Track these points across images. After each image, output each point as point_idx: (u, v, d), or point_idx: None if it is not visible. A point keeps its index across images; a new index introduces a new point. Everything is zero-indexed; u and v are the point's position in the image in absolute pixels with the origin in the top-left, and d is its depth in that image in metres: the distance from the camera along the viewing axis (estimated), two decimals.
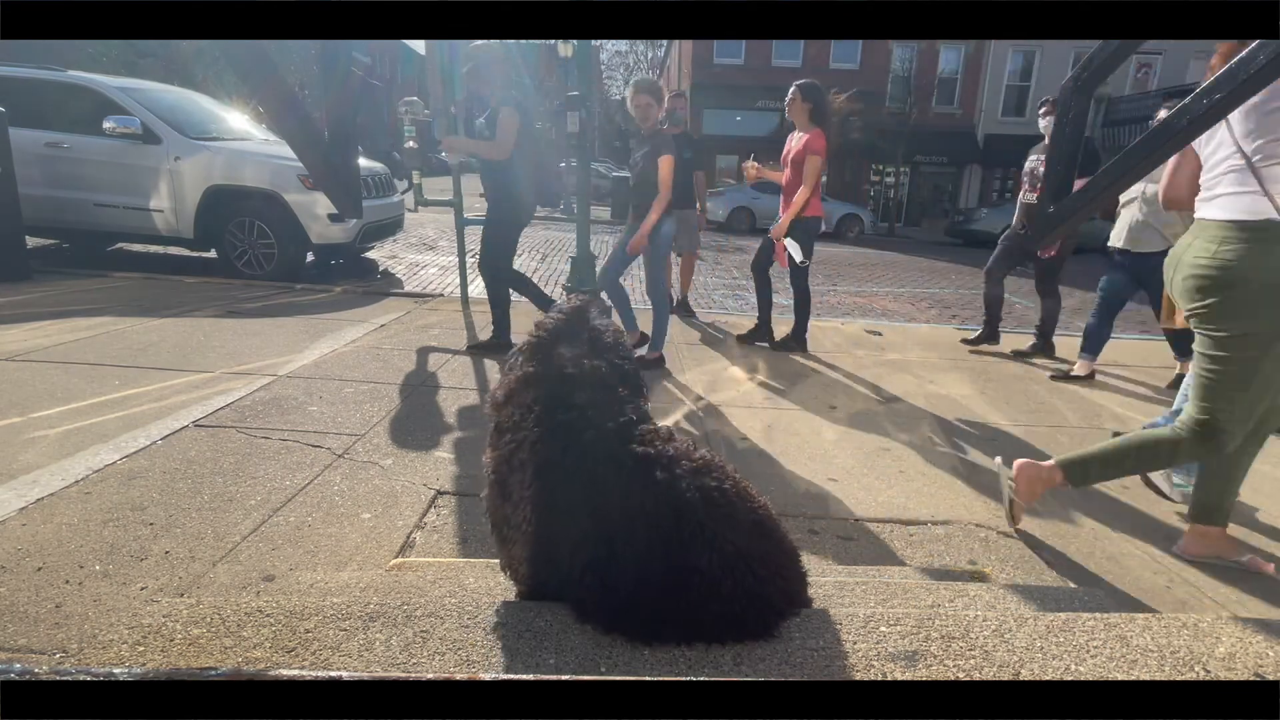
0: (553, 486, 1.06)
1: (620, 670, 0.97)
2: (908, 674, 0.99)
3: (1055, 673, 1.00)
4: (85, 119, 5.41)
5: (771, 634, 1.04)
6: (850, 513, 2.29)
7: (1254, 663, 1.04)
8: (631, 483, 1.03)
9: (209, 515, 1.97)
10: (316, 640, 1.00)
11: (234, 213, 5.58)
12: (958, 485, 2.56)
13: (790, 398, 3.49)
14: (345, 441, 2.55)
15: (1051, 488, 2.03)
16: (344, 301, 4.90)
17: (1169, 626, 1.12)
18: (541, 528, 1.08)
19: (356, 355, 3.68)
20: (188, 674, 0.75)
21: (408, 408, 2.96)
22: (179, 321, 4.00)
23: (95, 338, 3.58)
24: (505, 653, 0.99)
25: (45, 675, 0.70)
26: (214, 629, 1.01)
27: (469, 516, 2.07)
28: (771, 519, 1.12)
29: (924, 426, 3.19)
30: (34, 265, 5.10)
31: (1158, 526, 2.33)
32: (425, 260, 8.03)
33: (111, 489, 2.06)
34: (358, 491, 2.18)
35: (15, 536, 1.78)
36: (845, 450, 2.83)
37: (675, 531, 1.00)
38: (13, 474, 2.10)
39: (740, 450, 2.77)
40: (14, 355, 3.19)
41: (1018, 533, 2.20)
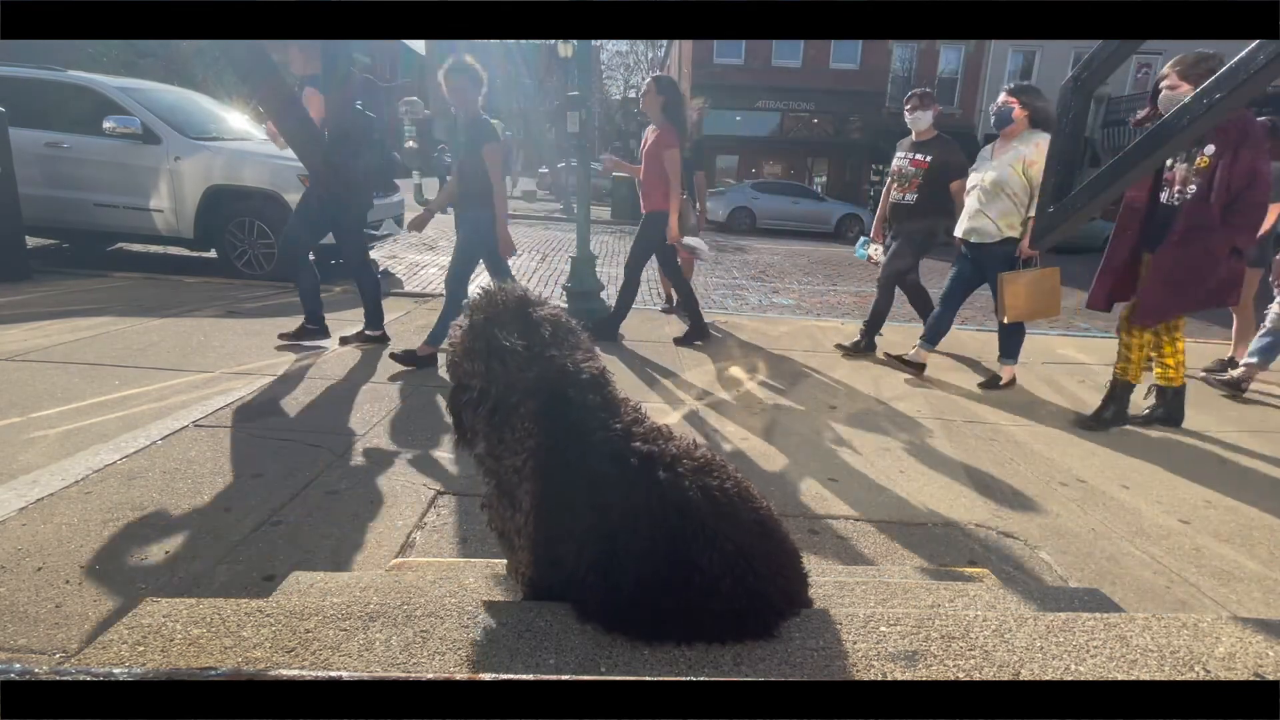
0: (558, 489, 1.06)
1: (620, 670, 0.97)
2: (908, 674, 0.99)
3: (1055, 673, 1.00)
4: (85, 119, 5.42)
5: (772, 634, 1.04)
6: (850, 513, 2.29)
7: (1254, 663, 1.03)
8: (635, 482, 1.03)
9: (209, 515, 1.97)
10: (316, 640, 1.00)
11: (234, 213, 5.58)
12: (958, 485, 2.56)
13: (790, 398, 3.49)
14: (345, 441, 2.55)
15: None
16: (344, 301, 4.90)
17: (1169, 626, 1.11)
18: (547, 530, 1.08)
19: (356, 355, 3.68)
20: (188, 674, 0.75)
21: (408, 408, 2.96)
22: (179, 321, 4.00)
23: (95, 338, 3.58)
24: (505, 653, 0.99)
25: (45, 675, 0.70)
26: (214, 629, 1.01)
27: (469, 516, 2.07)
28: (772, 518, 1.12)
29: (924, 426, 3.19)
30: (34, 265, 5.10)
31: (1158, 526, 2.33)
32: (425, 260, 8.03)
33: (111, 489, 2.06)
34: (358, 491, 2.18)
35: (15, 536, 1.78)
36: (845, 450, 2.83)
37: (678, 530, 1.00)
38: (13, 474, 2.10)
39: (740, 450, 2.77)
40: (14, 355, 3.19)
41: (1018, 533, 2.21)
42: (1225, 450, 3.09)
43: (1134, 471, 2.79)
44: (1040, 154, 3.40)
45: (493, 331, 1.10)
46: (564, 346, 1.12)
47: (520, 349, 1.08)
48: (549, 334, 1.11)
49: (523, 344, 1.08)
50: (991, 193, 3.55)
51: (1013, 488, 2.57)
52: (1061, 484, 2.64)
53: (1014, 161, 3.48)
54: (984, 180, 3.58)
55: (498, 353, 1.09)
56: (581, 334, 1.17)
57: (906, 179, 4.14)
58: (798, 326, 5.22)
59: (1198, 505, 2.51)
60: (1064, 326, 6.40)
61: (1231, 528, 2.34)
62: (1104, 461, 2.89)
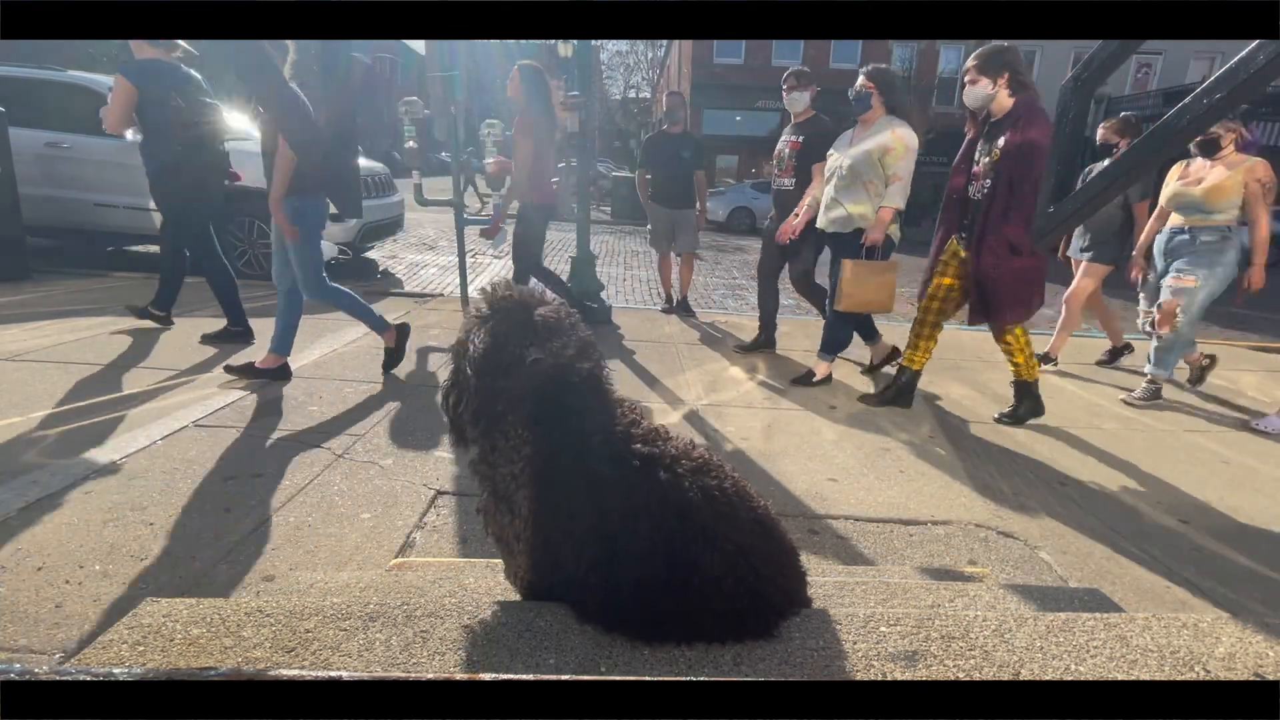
0: (557, 490, 1.06)
1: (620, 670, 0.97)
2: (908, 674, 0.99)
3: (1055, 673, 1.00)
4: (85, 119, 5.41)
5: (771, 633, 1.04)
6: (850, 513, 2.29)
7: (1254, 663, 1.03)
8: (635, 483, 1.03)
9: (209, 515, 1.97)
10: (316, 640, 1.00)
11: (234, 212, 5.58)
12: (958, 485, 2.56)
13: (790, 398, 3.49)
14: (345, 441, 2.55)
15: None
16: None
17: (1169, 626, 1.11)
18: (545, 534, 1.08)
19: (356, 355, 3.68)
20: (188, 674, 0.75)
21: (408, 408, 2.96)
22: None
23: (95, 338, 3.58)
24: (505, 653, 0.99)
25: (45, 675, 0.70)
26: (214, 629, 1.01)
27: (469, 516, 2.07)
28: (771, 518, 1.12)
29: (924, 426, 3.19)
30: (34, 265, 5.10)
31: (1158, 526, 2.33)
32: (425, 260, 8.02)
33: (111, 489, 2.06)
34: (358, 491, 2.18)
35: (15, 536, 1.78)
36: (845, 450, 2.83)
37: (677, 530, 1.00)
38: (13, 474, 2.10)
39: (740, 450, 2.77)
40: (14, 355, 3.19)
41: (1018, 533, 2.21)
42: (1226, 450, 3.09)
43: (1134, 471, 2.79)
44: (899, 142, 3.31)
45: (492, 333, 1.08)
46: (563, 346, 1.11)
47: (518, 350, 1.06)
48: (547, 334, 1.10)
49: (521, 345, 1.07)
50: (848, 179, 3.42)
51: (1013, 487, 2.57)
52: (1061, 483, 2.64)
53: (871, 149, 3.36)
54: (841, 167, 3.45)
55: (488, 357, 1.07)
56: (583, 334, 1.15)
57: (783, 162, 4.06)
58: (797, 326, 5.22)
59: (1198, 505, 2.51)
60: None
61: (1231, 528, 2.34)
62: (1104, 461, 2.89)
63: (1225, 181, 3.45)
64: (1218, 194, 3.46)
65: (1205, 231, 3.53)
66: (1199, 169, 3.59)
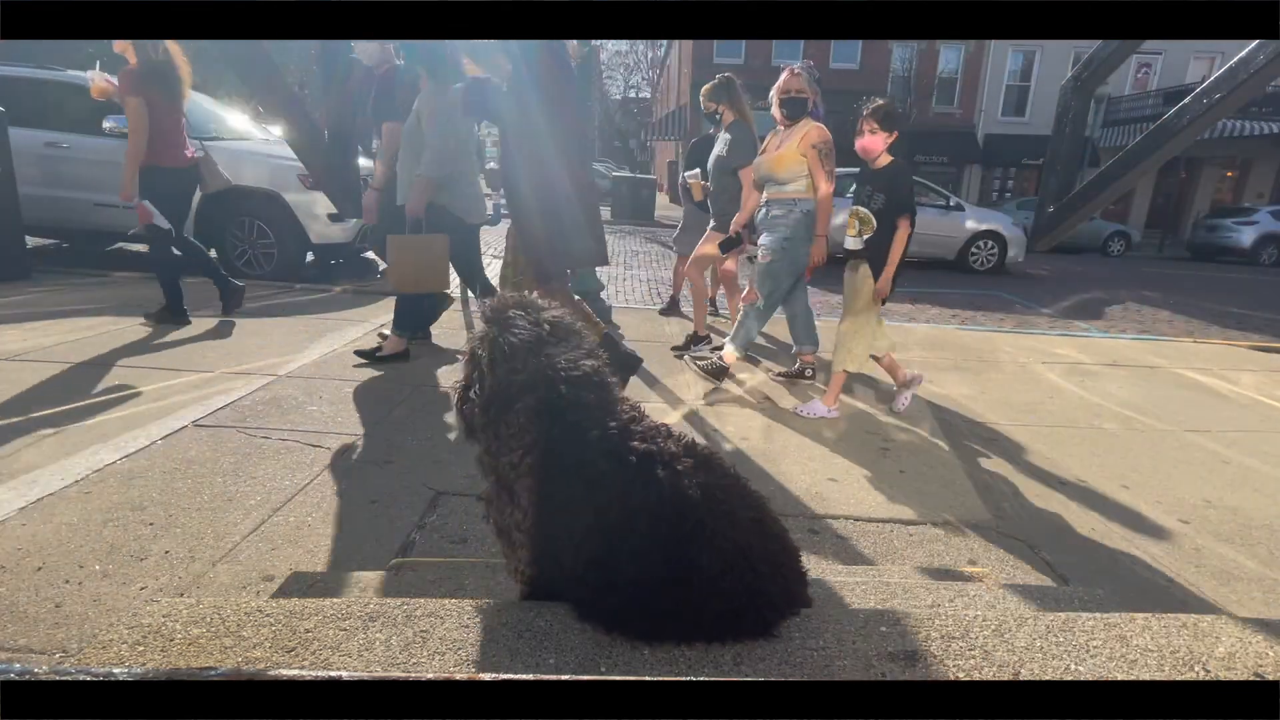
0: (556, 483, 1.06)
1: (620, 670, 0.97)
2: (908, 674, 0.99)
3: (1055, 673, 1.00)
4: (85, 119, 5.41)
5: (771, 633, 1.04)
6: (850, 513, 2.29)
7: (1254, 663, 1.03)
8: (634, 479, 1.03)
9: (209, 515, 1.97)
10: (316, 640, 1.00)
11: (234, 212, 5.58)
12: (957, 485, 2.56)
13: (790, 398, 3.49)
14: (345, 441, 2.55)
15: None
16: (344, 301, 4.90)
17: (1169, 626, 1.12)
18: (546, 528, 1.08)
19: (357, 356, 3.68)
20: (187, 674, 0.75)
21: (408, 408, 2.96)
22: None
23: (95, 338, 3.57)
24: (505, 652, 0.99)
25: (45, 675, 0.70)
26: (214, 629, 1.01)
27: (469, 516, 2.07)
28: (771, 517, 1.12)
29: (924, 426, 3.19)
30: (34, 265, 5.10)
31: (1158, 526, 2.33)
32: None
33: (111, 489, 2.06)
34: (357, 491, 2.18)
35: (15, 536, 1.78)
36: (845, 450, 2.83)
37: (677, 529, 1.00)
38: (13, 474, 2.10)
39: (740, 450, 2.77)
40: (14, 355, 3.19)
41: (1018, 533, 2.21)
42: (1226, 450, 3.09)
43: (1134, 471, 2.80)
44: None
45: (495, 334, 1.11)
46: (563, 347, 1.12)
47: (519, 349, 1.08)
48: (549, 334, 1.12)
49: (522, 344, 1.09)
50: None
51: (1013, 487, 2.57)
52: (1061, 483, 2.64)
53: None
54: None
55: (496, 353, 1.09)
56: (585, 335, 1.17)
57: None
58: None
59: (1198, 505, 2.51)
60: (1063, 327, 6.41)
61: (1231, 528, 2.34)
62: (1104, 461, 2.89)
63: (785, 151, 3.30)
64: (778, 164, 3.31)
65: (775, 205, 3.39)
66: (778, 139, 3.43)
